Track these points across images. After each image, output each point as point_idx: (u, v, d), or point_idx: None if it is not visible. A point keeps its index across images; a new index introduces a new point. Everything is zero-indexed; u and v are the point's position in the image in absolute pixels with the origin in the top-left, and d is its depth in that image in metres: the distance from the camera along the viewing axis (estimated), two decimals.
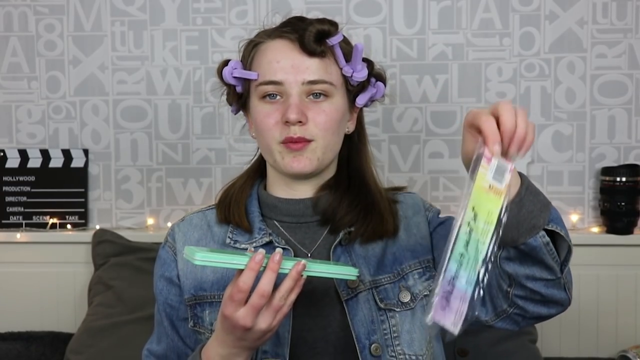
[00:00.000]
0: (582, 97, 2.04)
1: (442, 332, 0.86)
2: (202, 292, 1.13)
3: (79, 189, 2.10)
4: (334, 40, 1.11)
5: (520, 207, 0.93)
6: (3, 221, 2.09)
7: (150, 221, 2.10)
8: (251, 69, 1.13)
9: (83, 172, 2.09)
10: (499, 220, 0.86)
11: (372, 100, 1.18)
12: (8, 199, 2.09)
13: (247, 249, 1.06)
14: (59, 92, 2.10)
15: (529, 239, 0.94)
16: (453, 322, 0.84)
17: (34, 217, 2.09)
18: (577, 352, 1.99)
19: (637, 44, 2.02)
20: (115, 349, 1.79)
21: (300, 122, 1.07)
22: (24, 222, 2.09)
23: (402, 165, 2.06)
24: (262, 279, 0.93)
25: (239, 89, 1.15)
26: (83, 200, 2.09)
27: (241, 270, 0.93)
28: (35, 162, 2.10)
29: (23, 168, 2.09)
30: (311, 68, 1.09)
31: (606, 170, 1.98)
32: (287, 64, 1.09)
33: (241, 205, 1.17)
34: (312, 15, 2.02)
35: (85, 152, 2.09)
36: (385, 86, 1.18)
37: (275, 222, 1.16)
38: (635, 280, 1.99)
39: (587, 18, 2.02)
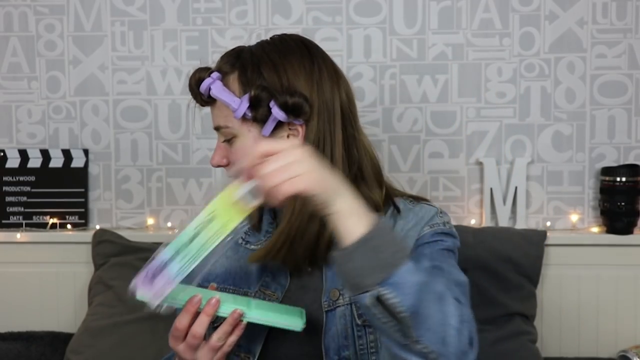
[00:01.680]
0: (582, 97, 2.04)
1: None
2: (206, 284, 1.15)
3: (79, 189, 2.10)
4: (203, 87, 1.11)
5: (347, 260, 0.89)
6: (3, 221, 2.09)
7: (151, 221, 2.10)
8: None
9: (83, 172, 2.09)
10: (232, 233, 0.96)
11: (281, 124, 1.10)
12: (8, 199, 2.09)
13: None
14: (59, 92, 2.10)
15: (355, 295, 0.90)
16: (152, 296, 0.96)
17: (34, 217, 2.09)
18: (577, 352, 1.99)
19: (637, 44, 2.02)
20: (115, 349, 1.79)
21: (224, 165, 1.14)
22: (24, 222, 2.09)
23: (402, 165, 2.06)
24: (195, 322, 1.01)
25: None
26: (83, 200, 2.09)
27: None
28: (35, 162, 2.10)
29: (23, 168, 2.09)
30: (213, 115, 1.14)
31: (606, 170, 1.98)
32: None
33: (256, 209, 1.17)
34: (311, 16, 2.04)
35: (86, 152, 2.09)
36: (287, 105, 1.08)
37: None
38: (635, 280, 1.98)
39: (587, 18, 2.02)
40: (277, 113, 1.07)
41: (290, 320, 1.03)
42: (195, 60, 2.06)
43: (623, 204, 1.95)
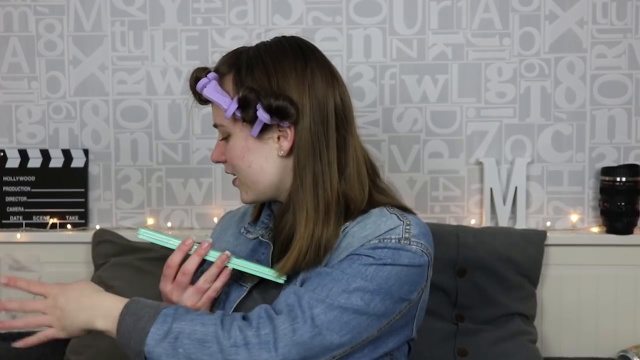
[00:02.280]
0: (582, 97, 2.04)
1: None
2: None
3: (79, 189, 2.10)
4: (198, 87, 1.15)
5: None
6: (3, 221, 2.09)
7: (151, 221, 2.10)
8: None
9: (83, 172, 2.09)
10: None
11: (269, 125, 1.12)
12: (8, 199, 2.09)
13: (256, 237, 1.23)
14: (59, 92, 2.10)
15: None
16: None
17: (34, 217, 2.09)
18: (577, 352, 1.99)
19: (637, 44, 2.02)
20: (115, 349, 1.77)
21: (223, 161, 1.19)
22: (24, 222, 2.09)
23: (402, 165, 2.06)
24: (187, 260, 1.13)
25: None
26: (83, 200, 2.09)
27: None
28: (35, 162, 2.10)
29: (23, 168, 2.09)
30: (212, 113, 1.19)
31: (606, 170, 1.98)
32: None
33: (259, 203, 1.26)
34: (312, 16, 2.04)
35: (85, 152, 2.09)
36: (271, 108, 1.10)
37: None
38: (635, 280, 1.98)
39: (587, 18, 2.02)
40: (262, 115, 1.10)
41: (274, 273, 1.12)
42: (195, 60, 2.06)
43: (623, 204, 1.95)
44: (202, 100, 1.18)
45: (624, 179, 1.95)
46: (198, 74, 1.16)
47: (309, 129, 1.11)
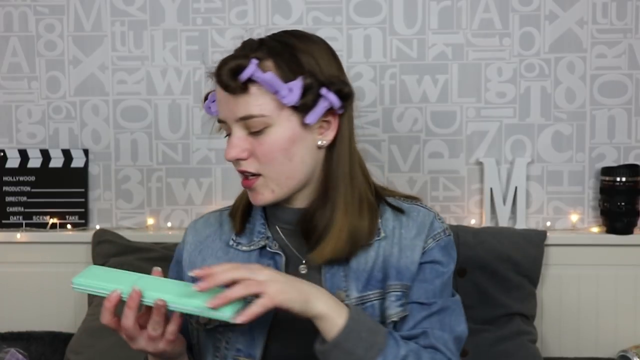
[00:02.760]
0: (582, 97, 2.04)
1: None
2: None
3: (79, 189, 2.10)
4: (245, 76, 1.04)
5: (324, 358, 1.01)
6: (3, 221, 2.09)
7: (150, 221, 2.10)
8: None
9: (83, 172, 2.09)
10: None
11: (332, 110, 1.10)
12: (8, 199, 2.09)
13: (248, 250, 1.15)
14: (59, 92, 2.10)
15: None
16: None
17: (34, 217, 2.09)
18: (577, 352, 1.99)
19: (637, 44, 2.02)
20: (115, 349, 1.78)
21: (240, 158, 1.08)
22: (24, 222, 2.09)
23: (402, 165, 2.06)
24: (122, 317, 1.01)
25: None
26: (83, 200, 2.09)
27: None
28: (35, 162, 2.10)
29: (23, 168, 2.09)
30: (238, 104, 1.06)
31: (606, 170, 1.98)
32: (222, 102, 1.09)
33: (239, 211, 1.18)
34: (312, 16, 2.04)
35: (85, 152, 2.09)
36: (346, 98, 1.09)
37: (277, 227, 1.17)
38: (635, 280, 1.99)
39: (587, 18, 2.02)
40: (333, 100, 1.07)
41: (221, 311, 0.98)
42: (195, 60, 2.06)
43: (623, 204, 1.95)
44: (233, 90, 1.05)
45: (624, 179, 1.95)
46: (241, 62, 1.05)
47: (350, 118, 1.12)
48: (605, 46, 2.02)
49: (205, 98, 1.18)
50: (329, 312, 1.01)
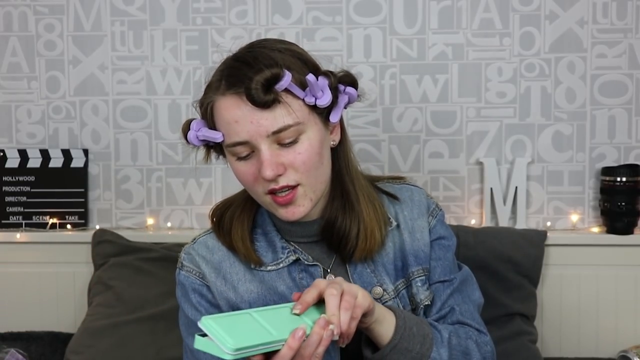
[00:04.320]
0: (582, 97, 2.04)
1: None
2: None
3: (79, 189, 2.09)
4: (283, 85, 1.01)
5: None
6: (3, 221, 2.09)
7: (150, 221, 2.10)
8: (214, 126, 1.08)
9: (83, 172, 2.09)
10: None
11: (349, 104, 1.12)
12: (8, 199, 2.09)
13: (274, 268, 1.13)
14: (58, 92, 2.10)
15: None
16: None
17: (34, 217, 2.09)
18: (577, 352, 1.99)
19: (637, 44, 2.02)
20: (115, 349, 1.78)
21: (278, 174, 1.03)
22: (24, 222, 2.09)
23: (402, 165, 2.06)
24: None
25: (211, 143, 1.11)
26: (83, 200, 2.09)
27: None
28: (35, 162, 2.09)
29: (23, 168, 2.09)
30: (270, 118, 1.01)
31: (606, 170, 1.98)
32: (245, 121, 1.02)
33: (246, 241, 1.13)
34: (312, 16, 2.03)
35: (85, 152, 2.09)
36: (356, 87, 1.11)
37: (292, 242, 1.16)
38: (635, 280, 1.98)
39: (587, 18, 2.02)
40: (352, 93, 1.09)
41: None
42: (195, 60, 2.06)
43: (623, 204, 1.95)
44: (263, 104, 1.00)
45: (624, 179, 1.94)
46: (276, 71, 1.00)
47: (344, 116, 1.16)
48: (606, 46, 2.02)
49: (188, 128, 1.10)
50: (383, 312, 1.02)
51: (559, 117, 2.04)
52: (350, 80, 1.10)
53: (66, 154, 2.09)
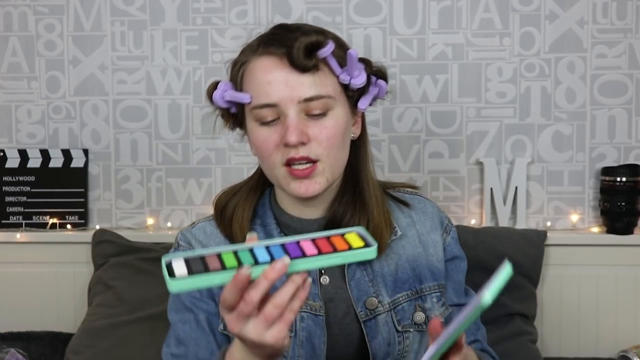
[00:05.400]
0: (582, 97, 2.04)
1: None
2: None
3: (79, 189, 2.09)
4: (326, 52, 1.01)
5: None
6: (3, 221, 2.09)
7: (150, 221, 2.10)
8: (242, 89, 1.06)
9: (83, 172, 2.09)
10: None
11: (375, 99, 1.11)
12: (8, 199, 2.09)
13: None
14: (58, 92, 2.10)
15: None
16: None
17: (34, 217, 2.09)
18: (577, 352, 1.99)
19: (637, 44, 2.02)
20: (115, 349, 1.78)
21: (302, 142, 1.01)
22: (24, 222, 2.09)
23: (402, 165, 2.06)
24: (252, 288, 0.81)
25: (232, 109, 1.09)
26: (83, 200, 2.09)
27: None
28: (35, 162, 2.09)
29: (23, 168, 2.09)
30: (305, 84, 1.00)
31: (606, 170, 1.98)
32: (279, 83, 1.00)
33: (244, 230, 1.10)
34: (311, 16, 2.03)
35: (85, 152, 2.09)
36: (386, 82, 1.12)
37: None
38: (635, 280, 1.98)
39: (587, 18, 2.02)
40: (383, 86, 1.09)
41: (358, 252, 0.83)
42: (195, 60, 2.06)
43: (623, 204, 1.95)
44: (303, 68, 1.00)
45: (624, 179, 1.94)
46: (320, 38, 1.01)
47: (364, 115, 1.15)
48: (606, 46, 2.02)
49: (214, 88, 1.09)
50: None
51: (559, 117, 2.04)
52: (383, 74, 1.10)
53: (66, 154, 2.09)
